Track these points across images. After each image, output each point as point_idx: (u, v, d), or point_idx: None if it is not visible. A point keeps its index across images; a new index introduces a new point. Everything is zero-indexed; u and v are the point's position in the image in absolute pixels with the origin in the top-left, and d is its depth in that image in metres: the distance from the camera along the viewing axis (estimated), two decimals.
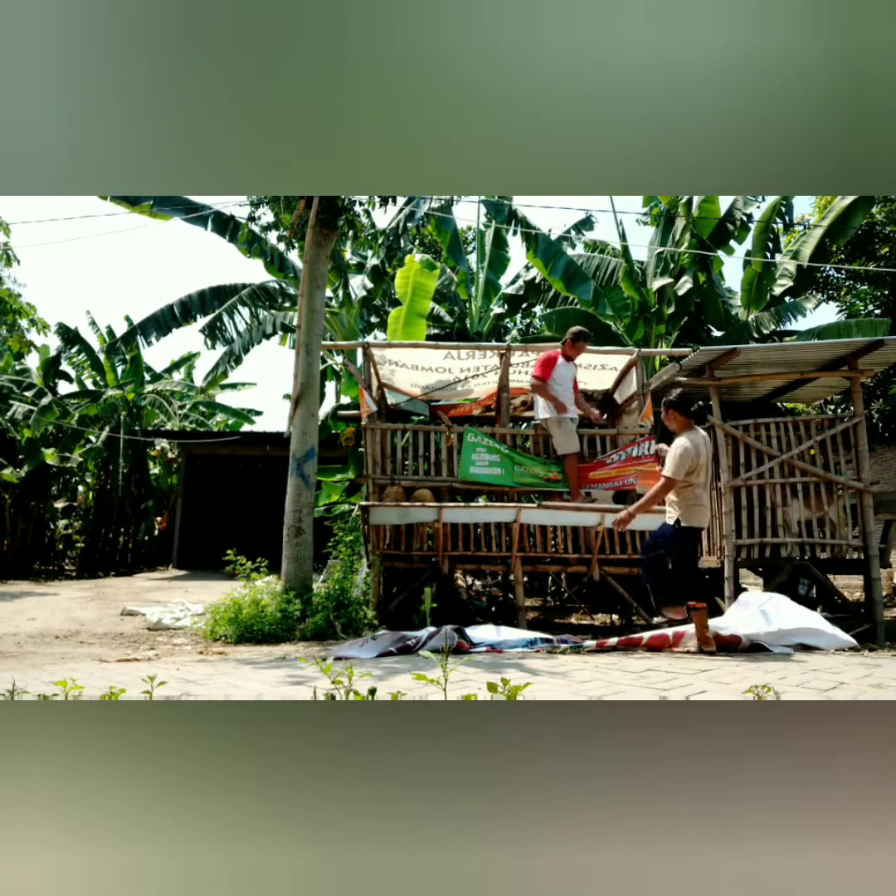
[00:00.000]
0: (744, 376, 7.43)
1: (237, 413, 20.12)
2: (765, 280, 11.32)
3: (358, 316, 13.05)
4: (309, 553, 6.51)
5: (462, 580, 9.06)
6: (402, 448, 7.32)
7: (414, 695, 2.97)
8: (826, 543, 6.74)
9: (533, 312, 18.98)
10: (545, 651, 4.96)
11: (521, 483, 7.07)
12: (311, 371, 6.75)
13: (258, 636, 5.62)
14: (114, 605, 8.38)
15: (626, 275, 11.20)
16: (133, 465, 15.26)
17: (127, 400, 15.43)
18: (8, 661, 4.66)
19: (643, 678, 3.64)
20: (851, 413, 7.01)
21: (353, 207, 6.96)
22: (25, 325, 8.65)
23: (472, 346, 7.91)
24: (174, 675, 3.77)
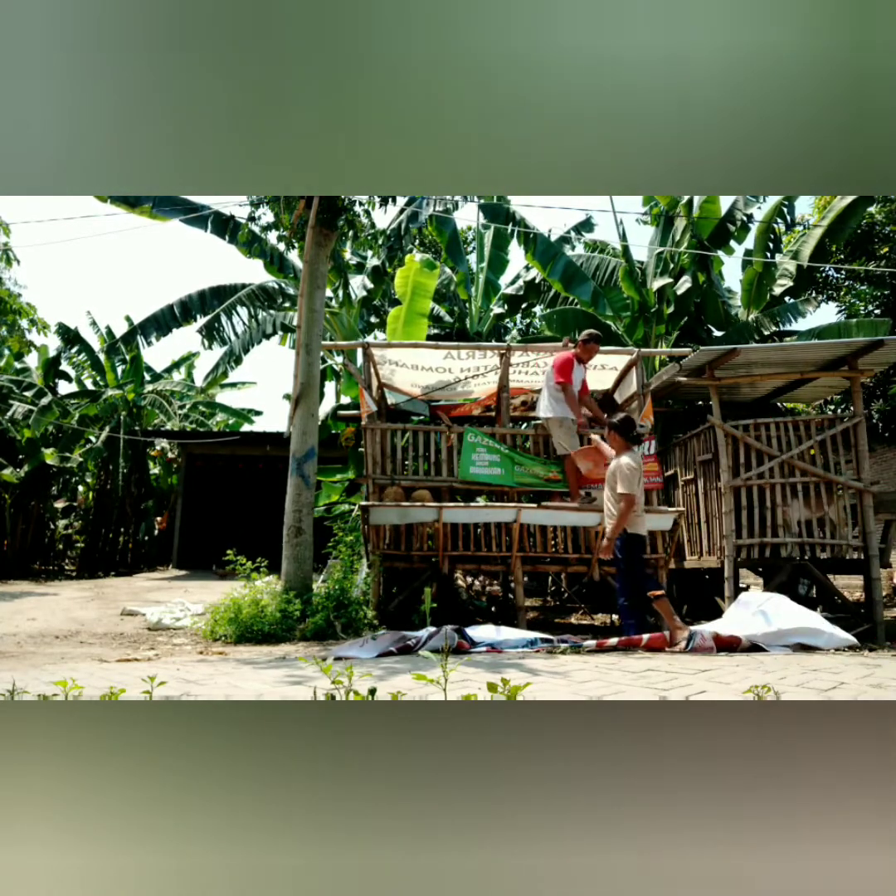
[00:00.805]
0: (744, 376, 7.43)
1: (237, 413, 20.12)
2: (765, 280, 11.32)
3: (358, 316, 13.05)
4: (309, 553, 6.51)
5: (462, 580, 9.06)
6: (402, 448, 7.32)
7: (414, 695, 2.97)
8: (826, 543, 6.74)
9: (533, 312, 18.99)
10: (545, 651, 4.96)
11: (521, 483, 7.08)
12: (311, 371, 6.75)
13: (258, 636, 5.62)
14: (114, 605, 8.38)
15: (626, 275, 11.20)
16: (133, 465, 15.26)
17: (127, 400, 15.44)
18: (8, 661, 4.66)
19: (643, 678, 3.64)
20: (851, 413, 7.01)
21: (353, 207, 6.96)
22: (25, 325, 8.66)
23: (472, 346, 7.91)
24: (174, 675, 3.77)
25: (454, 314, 14.39)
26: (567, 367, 6.85)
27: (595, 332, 7.05)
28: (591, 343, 6.92)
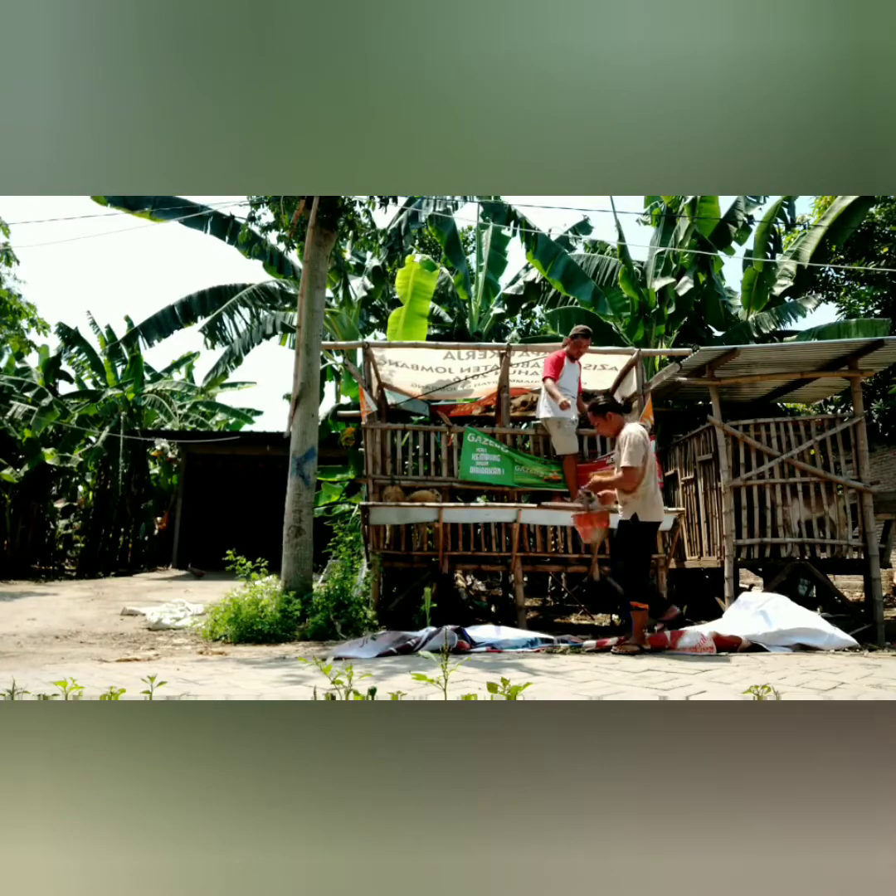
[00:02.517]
0: (744, 376, 7.43)
1: (237, 413, 20.11)
2: (765, 280, 11.32)
3: (358, 316, 13.05)
4: (309, 553, 6.51)
5: (462, 580, 9.06)
6: (402, 448, 7.32)
7: (414, 695, 2.97)
8: (826, 543, 6.74)
9: (533, 312, 19.00)
10: (545, 651, 4.96)
11: (521, 483, 7.08)
12: (311, 371, 6.75)
13: (258, 636, 5.62)
14: (114, 605, 8.38)
15: (625, 275, 11.20)
16: (133, 465, 15.26)
17: (127, 400, 15.43)
18: (8, 661, 4.66)
19: (643, 678, 3.64)
20: (851, 413, 7.01)
21: (353, 207, 6.96)
22: (25, 325, 8.66)
23: (473, 346, 7.91)
24: (174, 675, 3.77)
25: (454, 314, 14.39)
26: (555, 364, 6.80)
27: (584, 328, 6.99)
28: (579, 338, 6.84)
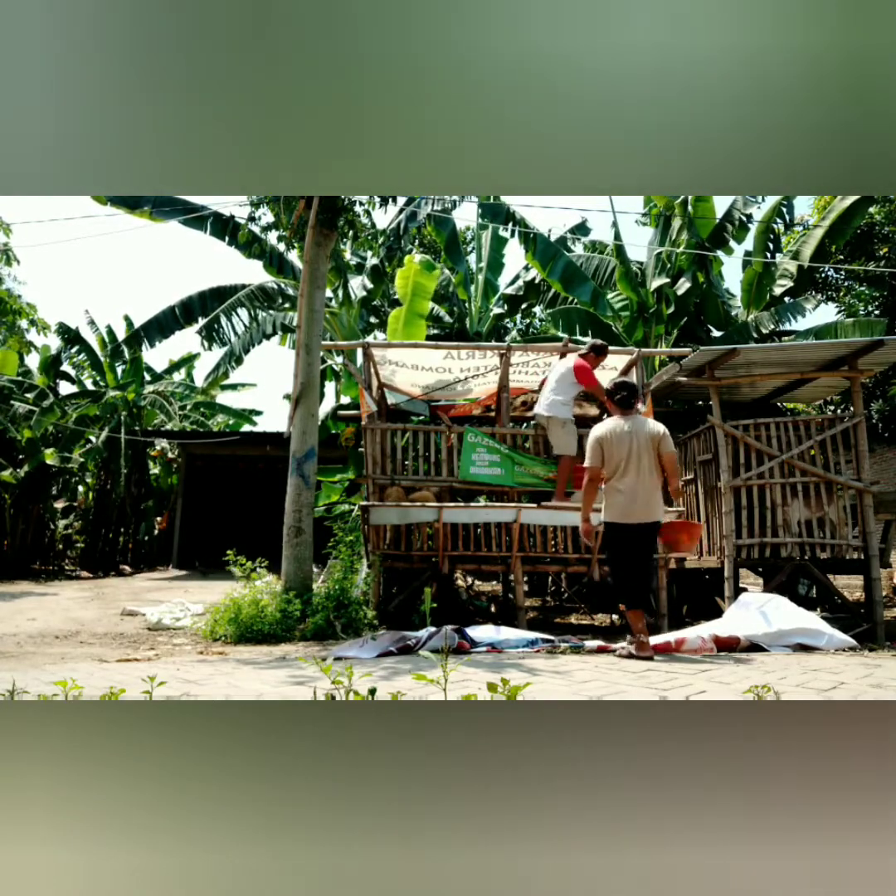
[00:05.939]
0: (744, 376, 7.43)
1: (237, 413, 20.11)
2: (765, 280, 11.32)
3: (358, 316, 13.06)
4: (309, 553, 6.51)
5: (462, 580, 9.06)
6: (402, 448, 7.32)
7: (414, 695, 2.97)
8: (826, 543, 6.74)
9: (533, 312, 19.00)
10: (545, 651, 4.96)
11: (521, 483, 7.08)
12: (311, 371, 6.75)
13: (258, 636, 5.62)
14: (114, 605, 8.38)
15: (623, 276, 11.21)
16: (133, 466, 15.25)
17: (127, 400, 15.43)
18: (8, 661, 4.66)
19: (643, 678, 3.64)
20: (851, 413, 7.01)
21: (353, 207, 6.96)
22: (25, 325, 8.66)
23: (472, 346, 7.91)
24: (174, 675, 3.77)
25: (454, 314, 14.40)
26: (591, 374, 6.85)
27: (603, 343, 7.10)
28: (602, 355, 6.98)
